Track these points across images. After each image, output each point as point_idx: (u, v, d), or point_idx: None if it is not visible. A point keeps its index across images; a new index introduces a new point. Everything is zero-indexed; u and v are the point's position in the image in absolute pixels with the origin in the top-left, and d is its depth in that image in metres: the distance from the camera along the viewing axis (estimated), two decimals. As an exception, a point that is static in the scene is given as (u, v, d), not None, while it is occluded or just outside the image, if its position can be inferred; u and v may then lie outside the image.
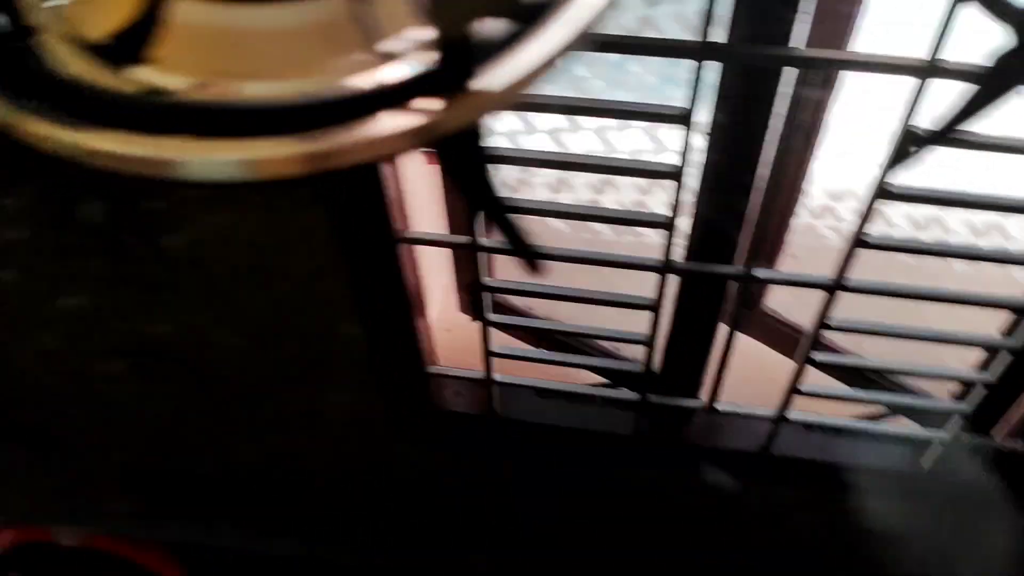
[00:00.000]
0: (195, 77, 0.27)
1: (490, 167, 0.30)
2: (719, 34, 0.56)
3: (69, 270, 0.78)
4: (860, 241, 0.64)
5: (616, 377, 0.89)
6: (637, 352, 0.78)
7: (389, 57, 0.27)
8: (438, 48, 0.26)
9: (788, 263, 0.83)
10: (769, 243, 0.73)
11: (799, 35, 0.56)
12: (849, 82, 0.71)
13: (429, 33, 0.27)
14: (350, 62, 0.27)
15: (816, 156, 0.74)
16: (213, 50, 0.28)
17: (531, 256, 0.30)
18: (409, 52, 0.27)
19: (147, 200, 0.69)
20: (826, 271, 0.69)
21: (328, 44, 0.28)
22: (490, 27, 0.26)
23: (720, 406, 0.81)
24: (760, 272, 0.68)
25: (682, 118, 0.59)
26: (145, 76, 0.28)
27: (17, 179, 0.67)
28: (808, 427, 0.83)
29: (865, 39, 0.69)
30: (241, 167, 0.26)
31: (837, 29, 0.67)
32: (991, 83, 0.46)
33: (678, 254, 0.69)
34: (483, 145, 0.29)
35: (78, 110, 0.26)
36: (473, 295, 0.77)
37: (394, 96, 0.26)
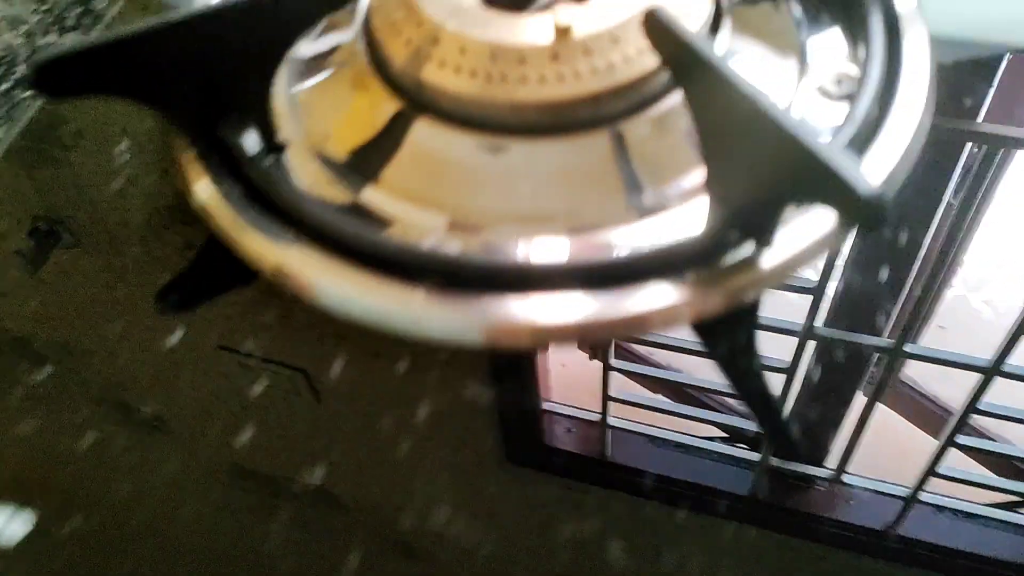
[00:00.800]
0: (432, 210, 0.25)
1: (758, 349, 0.26)
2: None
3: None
4: (1029, 327, 0.60)
5: (737, 435, 0.86)
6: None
7: (654, 211, 0.25)
8: (721, 210, 0.22)
9: (935, 334, 0.79)
10: (919, 313, 0.69)
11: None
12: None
13: (706, 188, 0.24)
14: (612, 213, 0.25)
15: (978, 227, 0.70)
16: (453, 183, 0.26)
17: (788, 442, 0.27)
18: (679, 207, 0.24)
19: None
20: (976, 345, 0.65)
21: (587, 191, 0.26)
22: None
23: (847, 478, 0.78)
24: (910, 348, 0.65)
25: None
26: (380, 202, 0.26)
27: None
28: (939, 509, 0.78)
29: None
30: (471, 333, 0.23)
31: (1012, 103, 0.63)
32: None
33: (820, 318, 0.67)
34: (754, 324, 0.25)
35: (310, 234, 0.24)
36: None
37: (661, 262, 0.23)
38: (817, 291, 0.63)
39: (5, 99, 0.44)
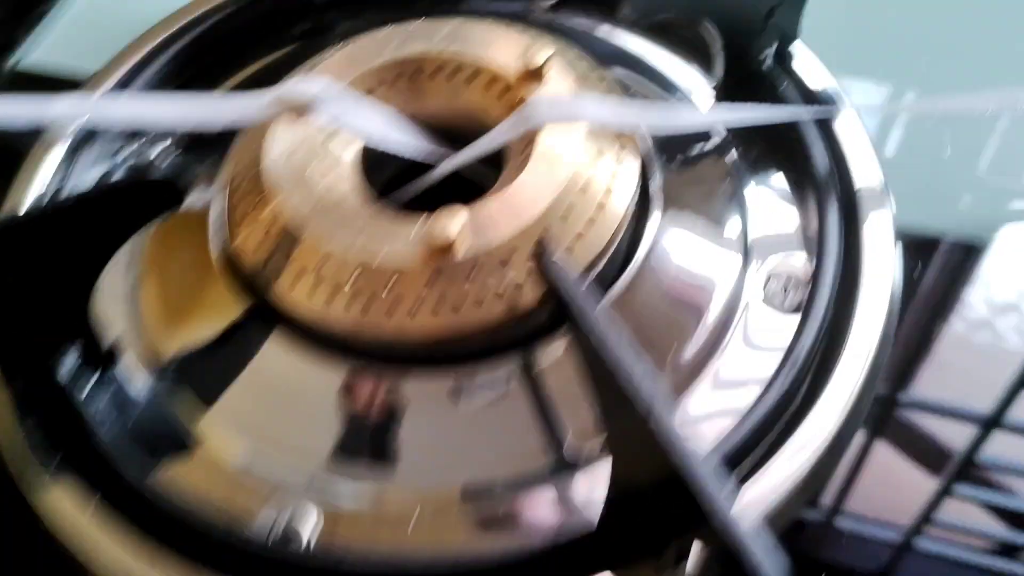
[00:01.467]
0: (278, 459, 0.21)
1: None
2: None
3: None
4: (1031, 382, 0.57)
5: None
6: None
7: (564, 467, 0.21)
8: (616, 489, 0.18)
9: (933, 373, 0.76)
10: (916, 359, 0.66)
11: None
12: None
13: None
14: (512, 469, 0.21)
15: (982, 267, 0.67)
16: (305, 422, 0.22)
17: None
18: (597, 460, 0.20)
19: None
20: (975, 386, 0.62)
21: (484, 440, 0.21)
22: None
23: (841, 521, 0.75)
24: (905, 397, 0.62)
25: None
26: (215, 441, 0.22)
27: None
28: (934, 554, 0.75)
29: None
30: None
31: None
32: None
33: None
34: None
35: (119, 503, 0.20)
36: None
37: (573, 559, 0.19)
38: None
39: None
